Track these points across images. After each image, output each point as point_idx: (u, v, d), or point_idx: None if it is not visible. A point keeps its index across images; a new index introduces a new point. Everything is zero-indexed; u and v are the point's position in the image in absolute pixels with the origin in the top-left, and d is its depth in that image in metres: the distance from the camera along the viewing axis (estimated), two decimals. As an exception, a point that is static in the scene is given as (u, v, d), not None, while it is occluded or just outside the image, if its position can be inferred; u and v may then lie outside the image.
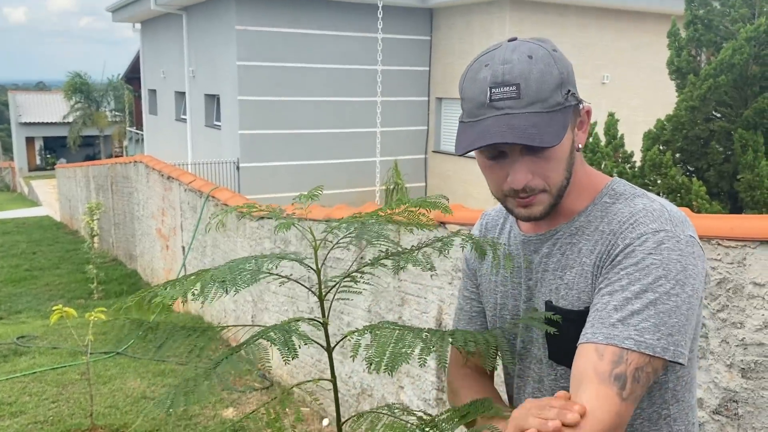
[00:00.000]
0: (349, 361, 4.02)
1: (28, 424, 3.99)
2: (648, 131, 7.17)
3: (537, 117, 1.08)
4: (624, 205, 1.15)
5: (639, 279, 1.04)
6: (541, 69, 1.09)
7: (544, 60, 1.10)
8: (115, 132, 32.49)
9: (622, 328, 1.02)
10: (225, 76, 14.14)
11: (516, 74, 1.08)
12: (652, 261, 1.05)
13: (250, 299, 5.51)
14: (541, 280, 1.22)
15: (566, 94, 1.11)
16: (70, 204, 15.74)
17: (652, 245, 1.06)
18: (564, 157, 1.14)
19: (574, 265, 1.16)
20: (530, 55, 1.10)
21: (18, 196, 28.77)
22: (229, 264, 1.30)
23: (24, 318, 7.94)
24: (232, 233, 5.75)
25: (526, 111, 1.08)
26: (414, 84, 15.28)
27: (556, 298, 1.18)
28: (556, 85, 1.10)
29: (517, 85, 1.08)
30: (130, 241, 10.32)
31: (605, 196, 1.18)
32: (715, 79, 6.49)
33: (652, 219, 1.09)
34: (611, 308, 1.05)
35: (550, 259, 1.21)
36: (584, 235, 1.17)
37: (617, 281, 1.07)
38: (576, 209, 1.19)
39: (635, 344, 1.01)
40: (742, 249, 1.99)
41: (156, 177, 8.38)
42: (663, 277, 1.04)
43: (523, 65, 1.09)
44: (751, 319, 1.98)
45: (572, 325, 1.13)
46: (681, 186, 6.29)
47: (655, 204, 1.13)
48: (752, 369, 1.99)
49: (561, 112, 1.10)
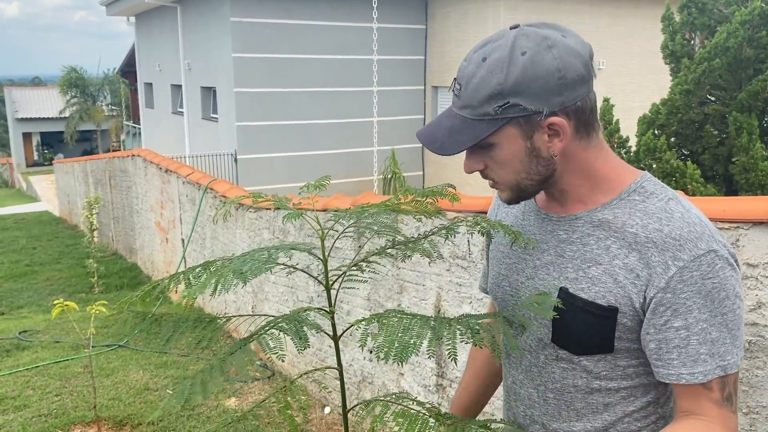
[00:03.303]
0: (350, 349, 4.06)
1: (32, 418, 4.02)
2: (643, 116, 7.18)
3: (460, 121, 1.13)
4: (658, 210, 1.12)
5: (706, 306, 1.08)
6: (483, 76, 1.09)
7: (494, 66, 1.08)
8: (112, 126, 32.42)
9: (710, 360, 1.09)
10: (221, 68, 14.11)
11: (464, 74, 1.12)
12: (713, 285, 1.07)
13: (250, 290, 5.54)
14: (553, 264, 1.21)
15: (501, 106, 1.08)
16: (69, 199, 15.75)
17: (707, 269, 1.07)
18: (509, 161, 1.14)
19: (602, 261, 1.14)
20: (485, 58, 1.09)
21: (16, 192, 28.75)
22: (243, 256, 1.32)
23: (25, 313, 7.97)
24: (231, 224, 5.78)
25: (458, 112, 1.14)
26: (410, 73, 15.27)
27: (574, 288, 1.17)
28: (488, 95, 1.08)
29: (461, 86, 1.13)
30: (130, 234, 10.34)
31: (634, 193, 1.15)
32: (710, 62, 6.49)
33: (697, 236, 1.08)
34: (696, 343, 1.09)
35: (569, 246, 1.19)
36: (612, 231, 1.14)
37: (686, 312, 1.08)
38: (598, 199, 1.17)
39: (722, 370, 1.09)
40: (735, 230, 2.02)
41: (154, 170, 8.39)
42: (726, 298, 1.08)
43: (472, 67, 1.11)
44: (745, 299, 2.01)
45: (589, 316, 1.15)
46: (676, 170, 6.31)
47: (693, 215, 1.11)
48: (746, 349, 2.02)
49: (486, 123, 1.10)
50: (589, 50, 1.12)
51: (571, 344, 1.19)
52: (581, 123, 1.13)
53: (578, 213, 1.18)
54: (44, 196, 23.35)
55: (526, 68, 1.06)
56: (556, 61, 1.06)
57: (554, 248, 1.21)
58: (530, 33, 1.09)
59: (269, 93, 13.94)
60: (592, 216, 1.17)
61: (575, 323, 1.17)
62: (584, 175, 1.16)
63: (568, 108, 1.10)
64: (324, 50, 14.18)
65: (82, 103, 32.43)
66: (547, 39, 1.08)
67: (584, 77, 1.10)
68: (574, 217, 1.19)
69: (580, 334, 1.17)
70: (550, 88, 1.07)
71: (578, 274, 1.17)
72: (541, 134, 1.11)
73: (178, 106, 17.68)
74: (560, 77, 1.07)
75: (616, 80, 13.15)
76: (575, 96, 1.09)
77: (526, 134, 1.11)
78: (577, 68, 1.08)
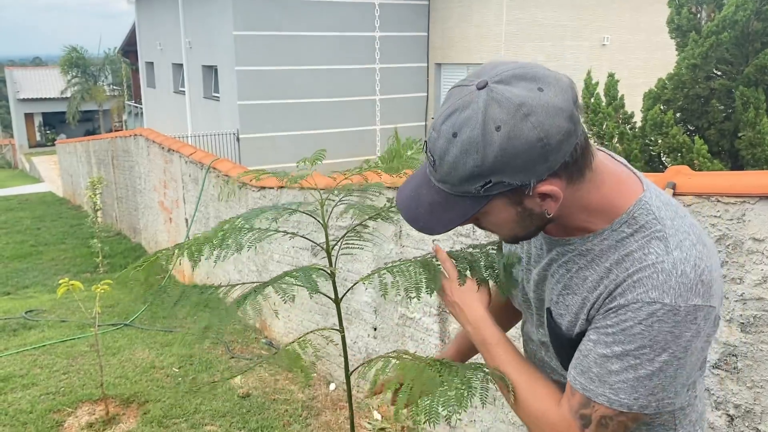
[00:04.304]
0: (354, 327, 4.07)
1: (41, 395, 4.06)
2: (648, 91, 7.13)
3: (442, 196, 1.06)
4: (638, 248, 1.06)
5: (622, 342, 1.04)
6: (456, 156, 0.99)
7: (467, 146, 0.97)
8: (114, 106, 32.36)
9: (598, 383, 1.07)
10: (222, 46, 14.03)
11: (435, 149, 1.02)
12: (640, 330, 1.03)
13: (254, 269, 5.55)
14: (546, 280, 1.23)
15: (483, 186, 1.00)
16: (72, 179, 15.76)
17: (644, 315, 1.02)
18: (501, 224, 1.11)
19: (578, 292, 1.14)
20: (455, 133, 0.98)
21: (19, 173, 28.79)
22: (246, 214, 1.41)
23: (31, 293, 8.01)
24: (235, 204, 5.77)
25: (437, 185, 1.07)
26: (412, 50, 15.16)
27: (556, 311, 1.19)
28: (466, 176, 1.00)
29: (434, 159, 1.03)
30: (133, 214, 10.36)
31: (624, 225, 1.09)
32: (718, 36, 6.42)
33: (654, 285, 1.02)
34: (592, 361, 1.08)
35: (556, 268, 1.19)
36: (594, 264, 1.12)
37: (603, 334, 1.07)
38: (590, 228, 1.12)
39: (608, 401, 1.07)
40: (741, 205, 2.01)
41: (156, 150, 8.38)
42: (648, 347, 1.03)
43: (443, 143, 1.00)
44: (751, 274, 2.00)
45: (565, 342, 1.19)
46: (682, 145, 6.27)
47: (669, 261, 1.03)
48: (751, 323, 2.01)
49: (470, 199, 1.04)
50: (571, 94, 0.99)
51: (560, 358, 1.24)
52: (573, 172, 1.03)
53: (572, 239, 1.15)
54: (47, 176, 23.38)
55: (504, 146, 0.96)
56: (536, 131, 0.95)
57: (549, 266, 1.21)
58: (501, 99, 0.96)
59: (271, 71, 13.86)
60: (581, 245, 1.14)
61: (556, 345, 1.22)
62: (579, 209, 1.10)
63: (557, 169, 1.01)
64: (326, 27, 14.07)
65: (84, 83, 32.33)
66: (522, 107, 0.95)
67: (570, 131, 0.98)
68: (567, 242, 1.16)
69: (559, 353, 1.22)
70: (533, 159, 0.97)
71: (558, 299, 1.18)
72: (532, 200, 1.04)
73: (180, 85, 17.61)
74: (543, 146, 0.96)
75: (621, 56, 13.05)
76: (563, 155, 0.99)
77: (516, 202, 1.05)
78: (561, 127, 0.96)
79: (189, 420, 3.75)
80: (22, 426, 3.69)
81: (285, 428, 3.69)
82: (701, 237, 1.08)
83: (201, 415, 3.81)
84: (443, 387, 1.22)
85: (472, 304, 1.30)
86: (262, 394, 4.13)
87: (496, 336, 1.26)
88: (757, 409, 2.03)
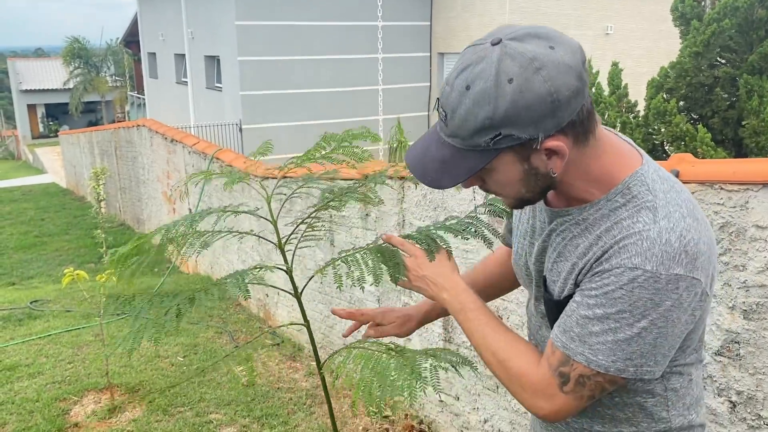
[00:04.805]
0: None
1: (47, 384, 4.09)
2: (651, 79, 7.11)
3: (451, 151, 1.09)
4: (627, 216, 1.10)
5: (603, 305, 1.07)
6: (469, 108, 1.02)
7: (479, 96, 1.01)
8: (117, 97, 32.35)
9: (578, 343, 1.10)
10: (224, 36, 13.99)
11: (448, 103, 1.05)
12: (621, 295, 1.06)
13: (258, 258, 5.57)
14: (545, 251, 1.25)
15: (493, 138, 1.02)
16: (75, 170, 15.78)
17: (625, 280, 1.05)
18: (507, 183, 1.12)
19: (569, 258, 1.17)
20: (468, 86, 1.02)
21: (23, 164, 28.83)
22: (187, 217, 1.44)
23: (36, 283, 8.05)
24: (238, 194, 5.78)
25: (447, 140, 1.09)
26: (415, 39, 15.11)
27: (549, 278, 1.22)
28: (477, 128, 1.02)
29: (446, 114, 1.06)
30: (137, 205, 10.38)
31: (618, 194, 1.12)
32: (719, 23, 6.39)
33: (637, 251, 1.05)
34: (574, 321, 1.11)
35: (553, 237, 1.22)
36: (587, 233, 1.15)
37: (587, 296, 1.10)
38: (588, 199, 1.15)
39: (586, 361, 1.10)
40: (744, 192, 2.01)
41: (159, 140, 8.38)
42: (627, 312, 1.06)
43: (455, 96, 1.03)
44: (753, 261, 2.00)
45: (554, 308, 1.21)
46: (685, 133, 6.25)
47: (654, 229, 1.06)
48: (754, 310, 2.02)
49: (479, 153, 1.06)
50: (580, 56, 1.03)
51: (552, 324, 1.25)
52: (579, 133, 1.07)
53: (570, 209, 1.18)
54: (51, 167, 23.41)
55: (515, 98, 0.99)
56: (547, 84, 0.99)
57: (548, 236, 1.24)
58: (515, 54, 1.00)
59: (273, 61, 13.83)
60: (578, 215, 1.17)
61: (550, 314, 1.23)
62: (580, 176, 1.13)
63: (564, 126, 1.04)
64: (328, 17, 14.02)
65: (86, 74, 32.31)
66: (534, 60, 0.99)
67: (578, 90, 1.02)
68: (566, 212, 1.19)
69: (552, 321, 1.23)
70: (543, 113, 1.00)
71: (552, 266, 1.21)
72: (538, 156, 1.07)
73: (182, 75, 17.59)
74: (553, 100, 1.00)
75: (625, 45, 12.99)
76: (570, 113, 1.03)
77: (523, 158, 1.07)
78: (570, 84, 1.00)
79: (194, 408, 3.78)
80: (29, 414, 3.72)
81: (289, 416, 3.71)
82: (694, 212, 1.10)
83: (206, 403, 3.84)
84: (393, 376, 1.26)
85: (445, 272, 1.34)
86: (266, 382, 4.16)
87: (476, 301, 1.29)
88: (759, 395, 2.04)
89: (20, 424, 3.60)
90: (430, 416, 3.57)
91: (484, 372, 3.12)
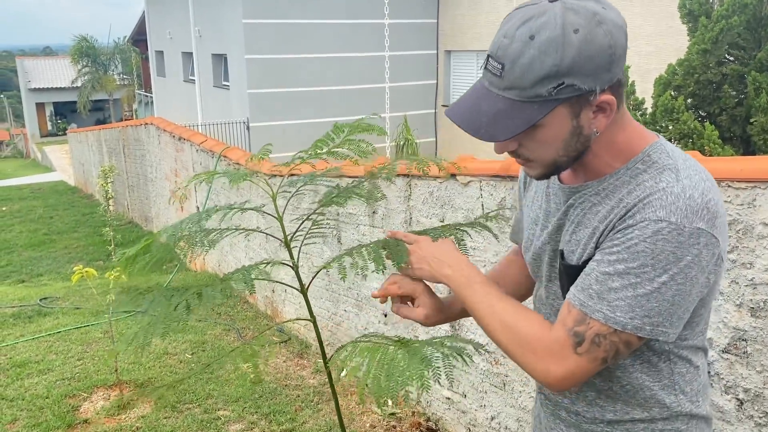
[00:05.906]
0: (365, 313, 4.10)
1: (56, 381, 4.12)
2: (659, 76, 7.07)
3: (506, 104, 1.09)
4: (650, 177, 1.13)
5: (625, 260, 1.08)
6: (533, 56, 1.04)
7: (546, 45, 1.04)
8: (125, 95, 32.43)
9: (597, 300, 1.11)
10: (231, 34, 14.02)
11: (507, 54, 1.06)
12: (644, 248, 1.07)
13: (265, 256, 5.59)
14: (562, 228, 1.26)
15: (556, 87, 1.05)
16: (84, 168, 15.85)
17: (649, 233, 1.07)
18: (551, 141, 1.13)
19: (589, 225, 1.19)
20: (533, 35, 1.04)
21: (31, 163, 28.98)
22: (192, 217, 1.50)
23: (45, 280, 8.11)
24: (245, 192, 5.80)
25: (502, 94, 1.09)
26: (422, 37, 15.10)
27: (567, 250, 1.23)
28: (541, 77, 1.05)
29: (503, 65, 1.07)
30: (145, 203, 10.43)
31: (639, 162, 1.16)
32: (728, 20, 6.36)
33: (662, 204, 1.08)
34: (593, 279, 1.12)
35: (571, 211, 1.23)
36: (607, 199, 1.17)
37: (608, 254, 1.11)
38: (607, 171, 1.18)
39: (604, 317, 1.10)
40: (752, 190, 2.01)
41: (167, 138, 8.42)
42: (649, 266, 1.07)
43: (518, 46, 1.05)
44: (761, 259, 2.00)
45: (573, 271, 1.21)
46: (693, 131, 6.23)
47: (678, 186, 1.09)
48: (761, 308, 2.02)
49: (538, 105, 1.07)
50: (624, 21, 1.11)
51: None
52: (620, 94, 1.12)
53: (589, 183, 1.21)
54: (59, 165, 23.52)
55: (582, 47, 1.04)
56: (608, 38, 1.05)
57: (565, 214, 1.25)
58: (577, 8, 1.05)
59: (280, 59, 13.85)
60: (598, 186, 1.19)
61: (567, 279, 1.23)
62: (605, 147, 1.17)
63: (613, 83, 1.09)
64: (335, 15, 14.03)
65: (94, 73, 32.39)
66: (596, 15, 1.05)
67: (626, 50, 1.09)
68: (585, 186, 1.21)
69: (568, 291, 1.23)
70: (602, 65, 1.06)
71: (571, 237, 1.22)
72: (588, 112, 1.10)
73: (190, 74, 17.63)
74: (611, 54, 1.06)
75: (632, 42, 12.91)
76: (619, 70, 1.09)
77: (575, 113, 1.10)
78: (623, 42, 1.08)
79: (202, 405, 3.80)
80: (39, 410, 3.75)
81: (296, 413, 3.73)
82: (710, 179, 1.14)
83: (214, 400, 3.86)
84: (403, 366, 1.25)
85: (448, 249, 1.36)
86: (274, 379, 4.18)
87: (481, 274, 1.30)
88: (766, 393, 2.04)
89: (30, 420, 3.63)
90: (437, 413, 3.58)
91: (491, 369, 3.12)
